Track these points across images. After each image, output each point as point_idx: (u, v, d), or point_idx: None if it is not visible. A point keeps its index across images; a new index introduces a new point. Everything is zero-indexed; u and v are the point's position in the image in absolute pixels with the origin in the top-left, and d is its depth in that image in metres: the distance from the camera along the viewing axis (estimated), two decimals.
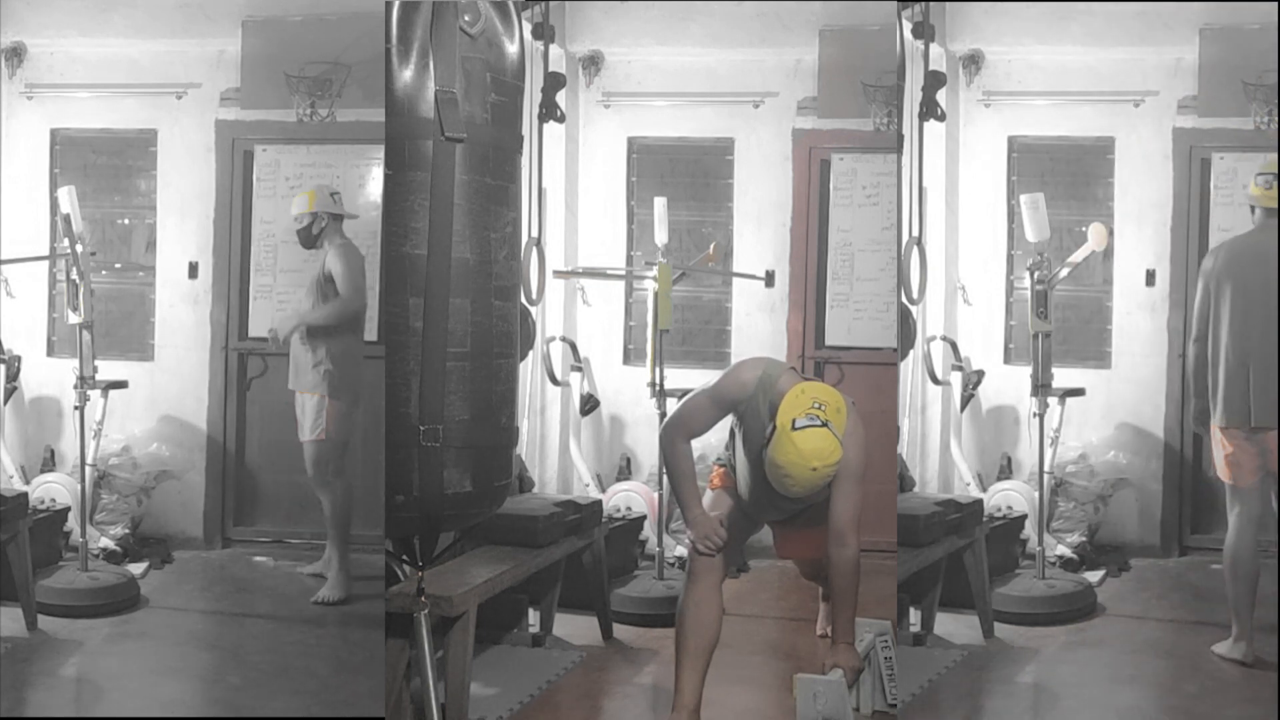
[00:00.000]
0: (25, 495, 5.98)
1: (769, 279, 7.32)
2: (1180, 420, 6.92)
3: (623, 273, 7.28)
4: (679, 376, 6.54)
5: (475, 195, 4.12)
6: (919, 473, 6.93)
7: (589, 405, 7.01)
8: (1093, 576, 6.48)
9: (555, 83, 6.40)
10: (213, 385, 6.98)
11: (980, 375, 6.79)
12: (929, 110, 6.15)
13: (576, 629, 5.76)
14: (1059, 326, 6.59)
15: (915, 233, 6.31)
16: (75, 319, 6.11)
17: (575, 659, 5.46)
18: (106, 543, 6.45)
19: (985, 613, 5.78)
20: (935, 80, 6.16)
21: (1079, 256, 6.27)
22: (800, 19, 7.18)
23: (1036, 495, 6.37)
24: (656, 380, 6.32)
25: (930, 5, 6.30)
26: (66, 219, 6.09)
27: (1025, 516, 6.56)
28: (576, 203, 7.34)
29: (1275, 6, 6.44)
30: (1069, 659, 5.54)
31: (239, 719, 4.84)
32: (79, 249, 6.07)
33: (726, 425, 4.67)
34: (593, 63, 7.33)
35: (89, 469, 6.23)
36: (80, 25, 6.91)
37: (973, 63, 7.13)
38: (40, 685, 5.08)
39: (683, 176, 7.51)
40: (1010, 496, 6.65)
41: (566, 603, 5.72)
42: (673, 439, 4.58)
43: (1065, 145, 7.23)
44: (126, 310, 7.11)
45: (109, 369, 6.38)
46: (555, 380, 6.97)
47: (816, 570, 5.19)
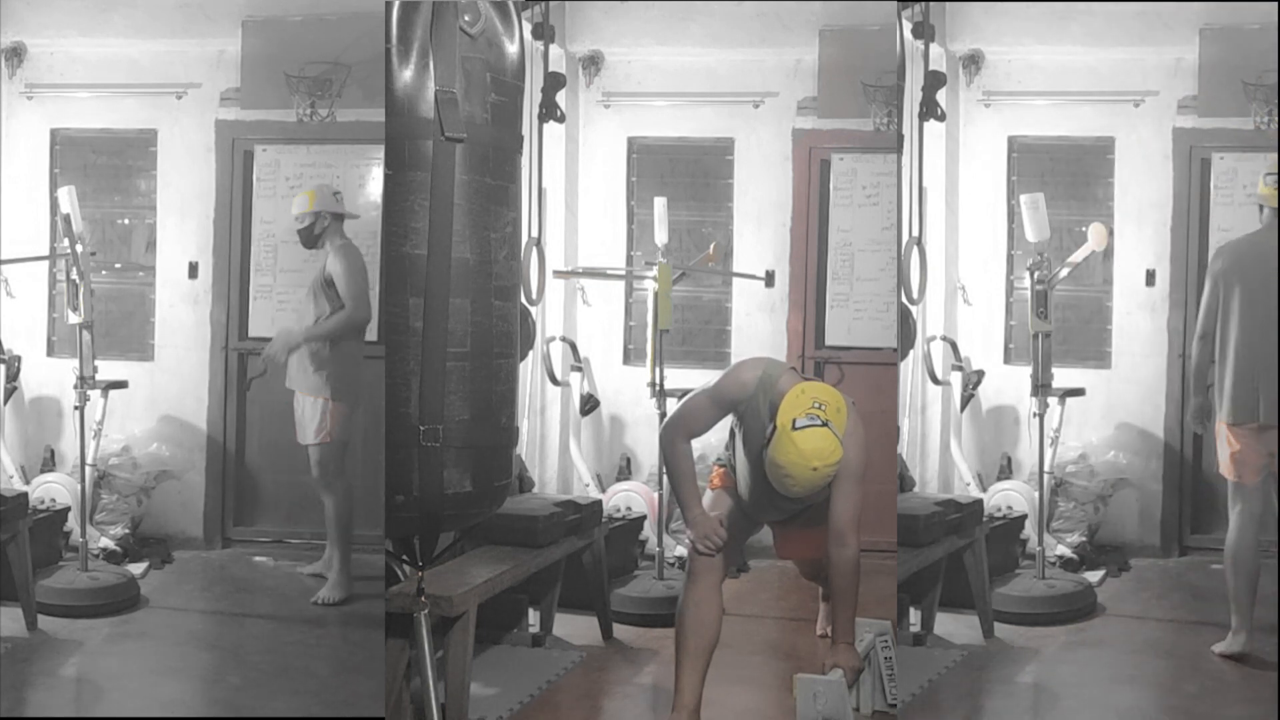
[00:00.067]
0: (25, 495, 5.98)
1: (769, 279, 7.32)
2: (1180, 420, 6.92)
3: (623, 273, 7.28)
4: (679, 376, 6.54)
5: (475, 195, 4.12)
6: (919, 473, 6.93)
7: (589, 405, 7.01)
8: (1093, 576, 6.48)
9: (555, 83, 6.40)
10: (213, 385, 6.98)
11: (980, 375, 6.79)
12: (929, 110, 6.15)
13: (576, 629, 5.76)
14: (1059, 326, 6.59)
15: (915, 233, 6.31)
16: (75, 319, 6.11)
17: (575, 659, 5.46)
18: (106, 543, 6.44)
19: (985, 613, 5.78)
20: (935, 80, 6.16)
21: (1079, 256, 6.27)
22: (800, 19, 7.18)
23: (1036, 495, 6.37)
24: (656, 380, 6.31)
25: (930, 5, 6.30)
26: (66, 219, 6.09)
27: (1025, 516, 6.56)
28: (576, 203, 7.34)
29: (1275, 6, 6.44)
30: (1069, 659, 5.54)
31: (239, 719, 4.84)
32: (79, 249, 6.07)
33: (726, 425, 4.67)
34: (593, 63, 7.33)
35: (89, 469, 6.23)
36: (80, 25, 6.91)
37: (973, 63, 7.13)
38: (40, 685, 5.08)
39: (683, 176, 7.51)
40: (1010, 496, 6.65)
41: (566, 603, 5.72)
42: (673, 439, 4.58)
43: (1065, 145, 7.23)
44: (126, 310, 7.11)
45: (109, 369, 6.38)
46: (555, 380, 6.97)
47: (816, 570, 5.19)
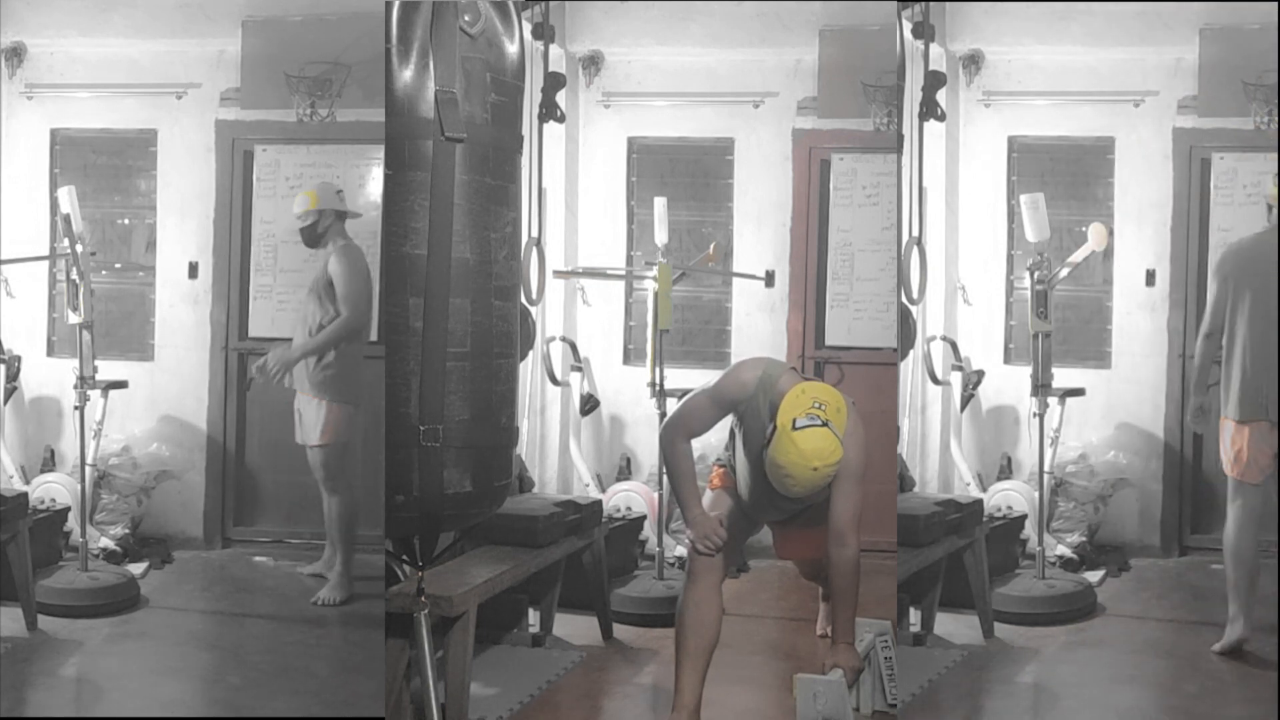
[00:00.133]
0: (25, 495, 5.98)
1: (769, 279, 7.32)
2: (1180, 420, 6.92)
3: (623, 273, 7.28)
4: (679, 376, 6.54)
5: (475, 195, 4.12)
6: (919, 473, 6.93)
7: (589, 405, 7.01)
8: (1093, 576, 6.48)
9: (555, 83, 6.40)
10: (213, 385, 6.98)
11: (980, 375, 6.79)
12: (929, 110, 6.15)
13: (576, 629, 5.76)
14: (1059, 326, 6.59)
15: (915, 233, 6.31)
16: (75, 319, 6.11)
17: (575, 659, 5.46)
18: (106, 543, 6.44)
19: (985, 613, 5.78)
20: (935, 80, 6.16)
21: (1079, 256, 6.27)
22: (800, 19, 7.18)
23: (1036, 495, 6.37)
24: (656, 380, 6.31)
25: (930, 5, 6.30)
26: (66, 219, 6.09)
27: (1025, 516, 6.56)
28: (576, 203, 7.34)
29: (1275, 6, 6.44)
30: (1069, 659, 5.54)
31: (239, 719, 4.84)
32: (79, 249, 6.07)
33: (726, 425, 4.67)
34: (593, 63, 7.33)
35: (89, 469, 6.23)
36: (80, 25, 6.91)
37: (973, 63, 7.13)
38: (40, 685, 5.08)
39: (683, 176, 7.51)
40: (1010, 496, 6.65)
41: (566, 603, 5.72)
42: (673, 439, 4.58)
43: (1065, 145, 7.23)
44: (126, 310, 7.11)
45: (109, 369, 6.38)
46: (555, 380, 6.97)
47: (816, 570, 5.19)
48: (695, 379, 5.38)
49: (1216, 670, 5.34)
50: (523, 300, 6.00)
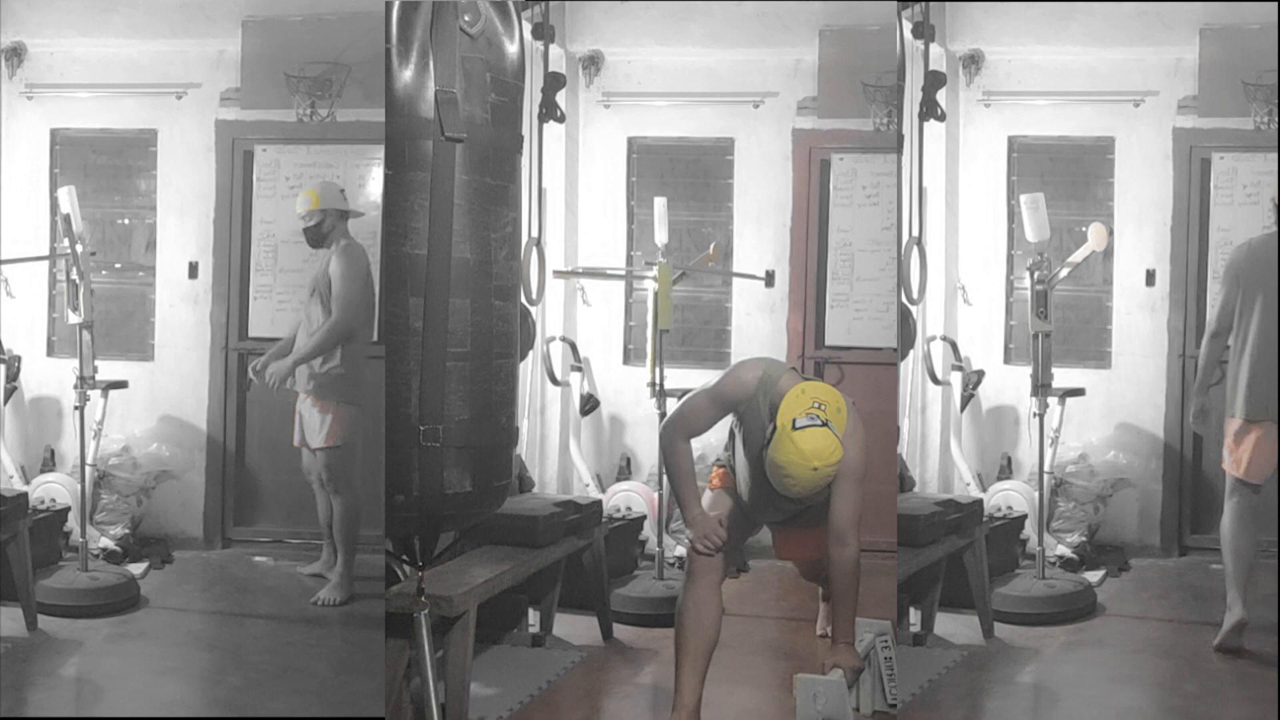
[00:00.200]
0: (25, 495, 5.97)
1: (769, 279, 7.32)
2: (1180, 420, 6.92)
3: (623, 273, 7.28)
4: (679, 376, 6.54)
5: (475, 195, 4.12)
6: (919, 473, 6.93)
7: (589, 405, 7.01)
8: (1093, 576, 6.48)
9: (555, 83, 6.40)
10: (213, 385, 6.98)
11: (980, 375, 6.79)
12: (929, 110, 6.15)
13: (576, 629, 5.76)
14: (1059, 326, 6.59)
15: (915, 233, 6.31)
16: (75, 319, 6.11)
17: (575, 659, 5.46)
18: (106, 543, 6.45)
19: (985, 613, 5.78)
20: (935, 80, 6.16)
21: (1079, 256, 6.27)
22: (800, 19, 7.18)
23: (1036, 495, 6.37)
24: (656, 380, 6.31)
25: (930, 5, 6.30)
26: (66, 219, 6.09)
27: (1025, 516, 6.56)
28: (576, 203, 7.34)
29: (1275, 6, 6.44)
30: (1069, 659, 5.54)
31: (239, 719, 4.84)
32: (79, 249, 6.07)
33: (726, 425, 4.67)
34: (593, 63, 7.33)
35: (89, 469, 6.23)
36: (80, 25, 6.91)
37: (973, 63, 7.13)
38: (40, 685, 5.08)
39: (683, 176, 7.51)
40: (1010, 496, 6.65)
41: (566, 603, 5.72)
42: (672, 438, 4.58)
43: (1065, 145, 7.23)
44: (126, 310, 7.11)
45: (109, 369, 6.38)
46: (555, 380, 6.97)
47: (816, 570, 5.18)
48: (695, 379, 5.37)
49: (1216, 670, 5.34)
50: (523, 300, 6.00)
